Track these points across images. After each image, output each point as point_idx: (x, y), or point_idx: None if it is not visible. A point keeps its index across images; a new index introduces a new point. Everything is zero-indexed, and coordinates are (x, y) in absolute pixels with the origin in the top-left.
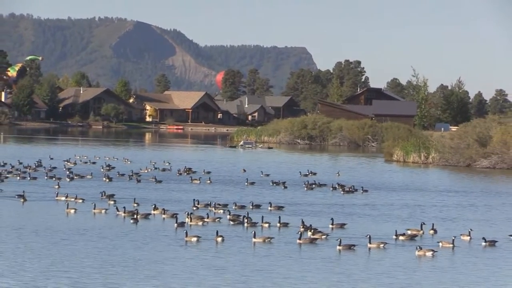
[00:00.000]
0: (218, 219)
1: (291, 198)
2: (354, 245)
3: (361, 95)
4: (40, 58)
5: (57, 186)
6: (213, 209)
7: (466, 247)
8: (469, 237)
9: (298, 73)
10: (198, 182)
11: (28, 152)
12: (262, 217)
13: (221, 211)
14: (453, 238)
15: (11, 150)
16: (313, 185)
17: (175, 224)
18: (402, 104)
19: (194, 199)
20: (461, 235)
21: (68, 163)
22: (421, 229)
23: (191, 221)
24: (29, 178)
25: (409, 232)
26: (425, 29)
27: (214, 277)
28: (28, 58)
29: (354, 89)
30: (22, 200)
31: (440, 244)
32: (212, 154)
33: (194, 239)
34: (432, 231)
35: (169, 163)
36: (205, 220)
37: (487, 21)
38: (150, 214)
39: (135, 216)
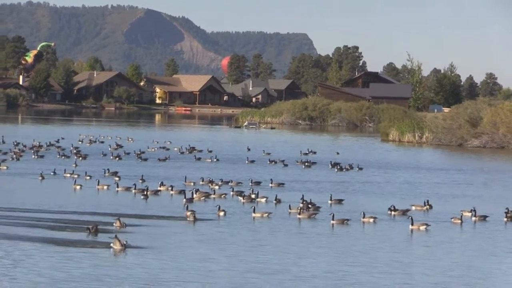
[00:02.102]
0: (224, 195)
1: (290, 175)
2: (347, 220)
3: (358, 79)
4: (52, 44)
5: (74, 165)
6: (211, 185)
7: (468, 222)
8: (470, 213)
9: (299, 58)
10: (210, 161)
11: (44, 132)
12: (258, 192)
13: (217, 187)
14: (461, 214)
15: (28, 131)
16: (307, 163)
17: (184, 200)
18: (397, 87)
19: (185, 176)
20: (461, 211)
21: (81, 142)
22: (425, 205)
23: (195, 196)
24: (36, 156)
25: (413, 208)
26: (419, 16)
27: (213, 252)
28: (41, 45)
29: (352, 73)
30: (40, 178)
31: (452, 220)
32: (218, 134)
33: (189, 213)
34: (427, 207)
35: (170, 142)
36: (211, 195)
37: (479, 8)
38: (159, 190)
39: (145, 193)
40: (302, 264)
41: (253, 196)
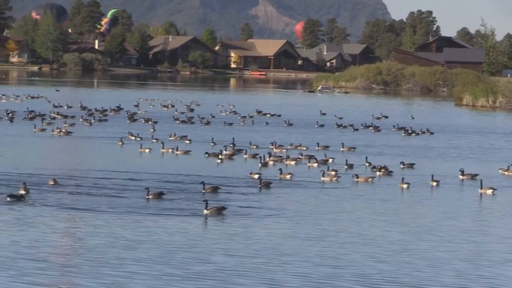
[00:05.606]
0: (298, 159)
1: (359, 140)
2: (408, 183)
3: (432, 43)
4: (122, 11)
5: (152, 130)
6: (275, 148)
7: None
8: None
9: (374, 23)
10: (285, 125)
11: (120, 97)
12: (325, 155)
13: (284, 150)
14: None
15: (104, 95)
16: (372, 127)
17: (259, 164)
18: (471, 51)
19: (233, 138)
20: None
21: (152, 106)
22: None
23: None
24: (93, 120)
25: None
26: None
27: (262, 216)
28: (111, 12)
29: (426, 37)
30: (120, 143)
31: None
32: (292, 98)
33: (256, 176)
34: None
35: (234, 106)
36: (284, 160)
37: None
38: (234, 154)
39: (220, 157)
40: (349, 230)
41: (330, 160)
